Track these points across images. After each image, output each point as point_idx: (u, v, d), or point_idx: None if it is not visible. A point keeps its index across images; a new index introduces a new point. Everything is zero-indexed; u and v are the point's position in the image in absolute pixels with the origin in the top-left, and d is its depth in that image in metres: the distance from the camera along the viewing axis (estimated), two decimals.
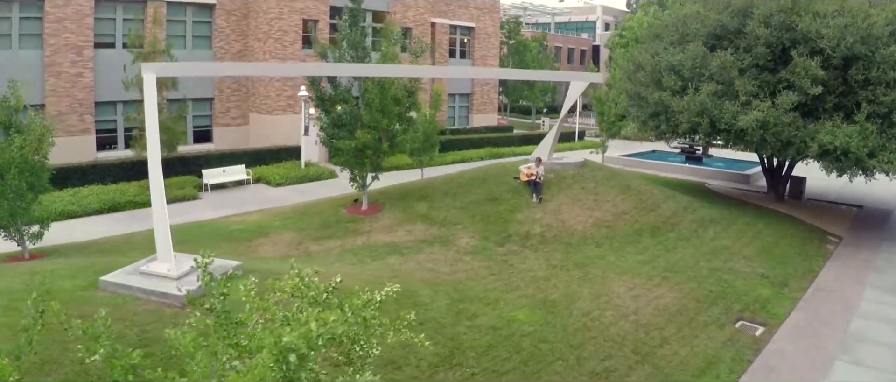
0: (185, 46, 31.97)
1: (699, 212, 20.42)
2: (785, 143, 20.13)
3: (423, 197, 20.29)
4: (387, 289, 7.39)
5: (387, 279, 14.28)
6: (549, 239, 17.60)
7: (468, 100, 39.84)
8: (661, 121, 22.26)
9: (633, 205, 19.76)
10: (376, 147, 19.50)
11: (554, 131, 21.72)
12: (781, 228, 20.75)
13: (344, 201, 21.26)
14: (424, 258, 16.25)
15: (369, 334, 7.01)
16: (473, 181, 20.72)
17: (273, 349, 5.30)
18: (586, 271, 15.46)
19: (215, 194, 26.63)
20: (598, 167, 22.02)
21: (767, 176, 25.87)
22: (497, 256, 16.39)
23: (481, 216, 18.77)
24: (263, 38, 32.24)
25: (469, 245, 17.14)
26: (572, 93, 21.09)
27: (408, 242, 17.59)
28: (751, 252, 17.92)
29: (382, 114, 19.14)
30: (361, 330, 7.14)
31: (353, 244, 17.74)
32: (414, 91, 20.10)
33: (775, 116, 19.66)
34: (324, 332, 5.61)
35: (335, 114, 20.00)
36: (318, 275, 6.98)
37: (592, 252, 16.87)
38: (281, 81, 31.90)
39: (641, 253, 16.98)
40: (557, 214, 18.83)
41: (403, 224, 18.79)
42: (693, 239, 18.34)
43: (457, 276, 14.85)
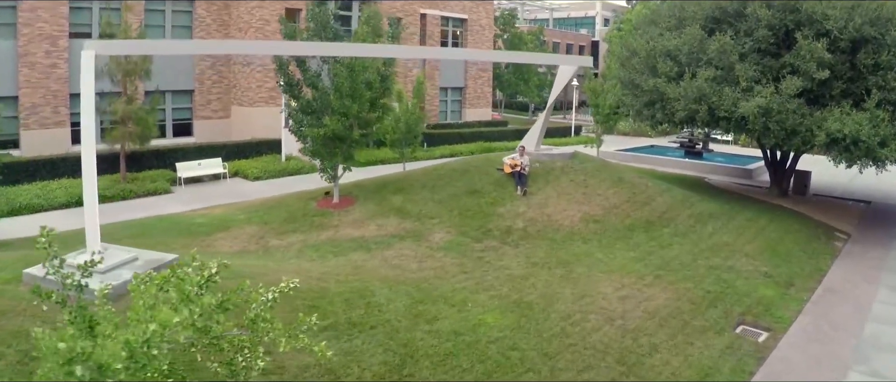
0: (164, 37, 30.44)
1: (697, 206, 18.73)
2: (790, 132, 18.42)
3: (400, 190, 18.66)
4: (283, 285, 5.94)
5: (343, 276, 12.67)
6: (533, 235, 15.94)
7: (461, 94, 38.22)
8: (656, 110, 20.57)
9: (626, 199, 18.08)
10: (346, 136, 17.85)
11: (541, 120, 20.06)
12: (786, 223, 19.04)
13: (316, 195, 19.63)
14: (392, 254, 14.62)
15: (257, 341, 5.49)
16: (454, 173, 19.08)
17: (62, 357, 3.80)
18: (570, 269, 13.80)
19: (189, 188, 25.21)
20: (589, 159, 20.36)
21: (770, 170, 24.15)
22: (472, 252, 14.75)
23: (460, 210, 17.12)
24: (245, 27, 30.69)
25: (443, 241, 15.50)
26: (560, 77, 19.42)
27: (377, 237, 15.96)
28: (753, 249, 16.22)
29: (352, 99, 17.50)
30: (248, 337, 5.62)
31: (317, 238, 16.12)
32: (388, 75, 18.46)
33: (779, 102, 17.97)
34: (153, 338, 4.06)
35: (303, 100, 18.37)
36: (214, 265, 5.43)
37: (579, 249, 15.20)
38: (261, 73, 30.32)
39: (633, 250, 15.31)
40: (543, 207, 17.17)
41: (375, 218, 17.16)
42: (690, 235, 16.65)
43: (424, 274, 13.22)
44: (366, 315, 10.71)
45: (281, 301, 11.32)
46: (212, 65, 31.45)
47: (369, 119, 18.45)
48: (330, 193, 19.10)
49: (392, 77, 18.60)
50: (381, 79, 18.32)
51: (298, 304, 10.78)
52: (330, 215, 17.69)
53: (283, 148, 27.80)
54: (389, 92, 18.73)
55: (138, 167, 26.20)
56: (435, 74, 36.29)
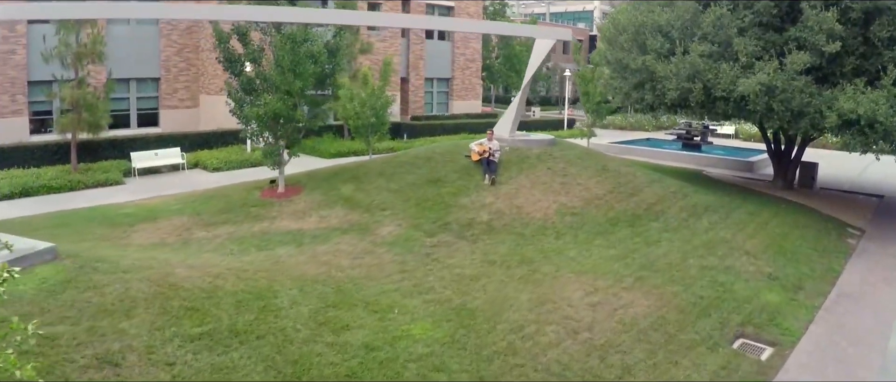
0: (128, 21, 28.13)
1: (691, 198, 16.15)
2: (796, 113, 15.84)
3: (353, 178, 16.19)
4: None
5: (250, 273, 10.23)
6: (497, 228, 13.43)
7: (448, 85, 35.72)
8: (645, 91, 18.01)
9: (610, 189, 15.54)
10: (289, 116, 15.41)
11: (516, 102, 17.55)
12: (792, 217, 16.46)
13: (264, 184, 17.20)
14: (326, 250, 12.16)
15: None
16: (416, 161, 16.59)
17: None
18: (534, 269, 11.28)
19: (144, 179, 22.96)
20: (571, 146, 17.81)
21: (774, 161, 21.54)
22: (421, 248, 12.26)
23: (417, 201, 14.64)
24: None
25: (390, 235, 13.02)
26: (537, 51, 16.89)
27: (316, 230, 13.52)
28: (755, 247, 13.66)
29: (295, 75, 15.06)
30: None
31: (249, 230, 13.71)
32: (337, 49, 15.97)
33: (784, 79, 15.40)
34: None
35: (245, 78, 15.94)
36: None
37: (549, 245, 12.67)
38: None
39: (613, 247, 12.77)
40: (512, 198, 14.66)
41: (319, 209, 14.72)
42: (682, 230, 14.10)
43: (354, 273, 10.77)
44: (256, 322, 8.29)
45: (152, 303, 9.03)
46: (178, 51, 29.11)
47: (317, 99, 16.02)
48: (275, 181, 16.66)
49: (342, 51, 16.11)
50: (329, 53, 15.85)
51: (175, 305, 8.44)
52: (271, 206, 15.27)
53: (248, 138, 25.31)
54: (340, 68, 16.24)
55: (95, 157, 24.10)
56: (420, 63, 33.82)
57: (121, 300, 8.94)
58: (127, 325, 8.43)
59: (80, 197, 19.47)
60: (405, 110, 33.54)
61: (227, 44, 16.14)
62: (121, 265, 10.02)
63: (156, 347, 7.97)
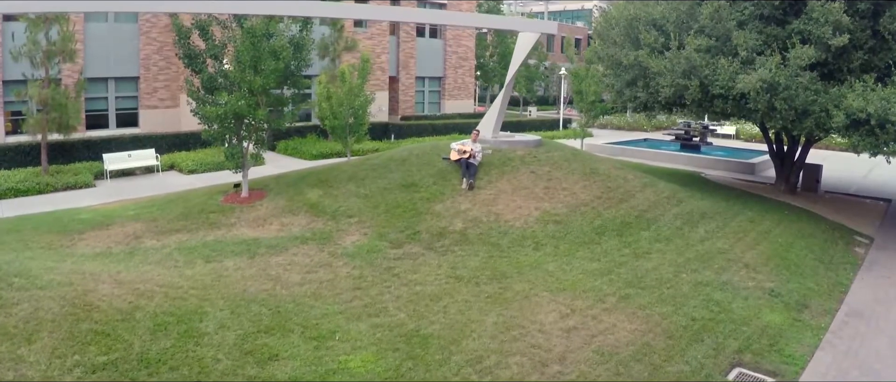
0: (106, 19, 26.92)
1: (687, 204, 14.80)
2: (800, 112, 14.48)
3: (322, 182, 14.91)
4: None
5: (184, 290, 8.97)
6: (471, 239, 12.12)
7: (439, 84, 34.40)
8: (638, 88, 16.67)
9: (598, 194, 14.20)
10: (251, 116, 14.16)
11: (499, 100, 16.23)
12: (796, 225, 15.09)
13: (229, 189, 15.95)
14: (279, 262, 10.89)
15: None
16: (391, 163, 15.29)
17: None
18: (505, 286, 9.96)
19: (116, 181, 21.80)
20: (559, 148, 16.48)
21: (776, 163, 20.15)
22: (383, 261, 10.97)
23: (387, 207, 13.35)
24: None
25: (353, 245, 11.73)
26: (520, 45, 15.58)
27: (274, 239, 12.25)
28: (755, 259, 12.31)
29: (255, 71, 13.81)
30: None
31: (201, 239, 12.46)
32: (303, 44, 14.69)
33: (787, 75, 14.05)
34: None
35: (206, 75, 14.69)
36: None
37: (526, 258, 11.36)
38: None
39: (597, 260, 11.44)
40: (491, 205, 13.35)
41: (281, 216, 13.44)
42: (675, 240, 12.75)
43: (301, 290, 9.50)
44: (172, 350, 7.07)
45: (60, 326, 7.78)
46: (158, 49, 27.87)
47: (284, 98, 14.76)
48: (239, 186, 15.40)
49: (308, 46, 14.82)
50: (295, 48, 14.57)
51: (83, 329, 7.28)
52: (231, 212, 14.01)
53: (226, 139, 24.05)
54: (306, 63, 14.96)
55: (68, 159, 23.09)
56: (411, 62, 32.51)
57: (26, 321, 7.74)
58: (26, 351, 7.23)
59: (46, 201, 18.38)
60: (395, 110, 32.26)
61: (187, 39, 14.92)
62: (39, 281, 8.82)
63: (53, 378, 6.74)
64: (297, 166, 21.60)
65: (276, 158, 24.50)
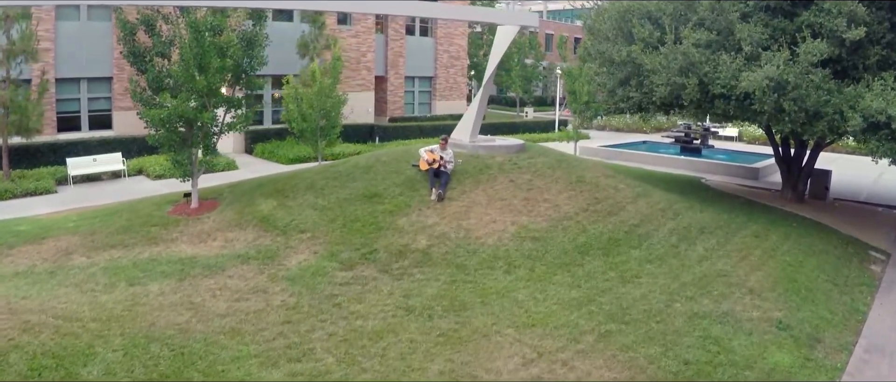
0: (78, 18, 25.37)
1: (684, 217, 13.08)
2: (811, 114, 12.75)
3: (278, 191, 13.28)
4: None
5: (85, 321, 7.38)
6: (434, 259, 10.46)
7: (430, 84, 32.71)
8: (630, 88, 14.96)
9: (583, 206, 12.51)
10: (197, 119, 12.56)
11: (477, 101, 14.56)
12: (805, 240, 13.36)
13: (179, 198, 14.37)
14: (209, 286, 9.32)
15: None
16: (355, 170, 13.64)
17: None
18: (463, 321, 8.30)
19: (80, 187, 20.37)
20: (543, 153, 14.79)
21: (783, 168, 18.38)
22: (328, 286, 9.35)
23: (345, 221, 11.71)
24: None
25: (298, 266, 10.12)
26: (500, 39, 13.90)
27: (215, 257, 10.67)
28: (760, 282, 10.59)
29: (199, 70, 12.22)
30: None
31: (135, 257, 10.94)
32: (255, 39, 13.07)
33: (796, 72, 12.32)
34: None
35: (152, 74, 13.10)
36: None
37: (494, 283, 9.68)
38: None
39: (577, 286, 9.75)
40: (461, 218, 11.69)
41: (228, 230, 11.84)
42: (669, 261, 11.04)
43: (222, 323, 7.98)
44: None
45: None
46: None
47: (235, 100, 13.18)
48: (190, 195, 13.79)
49: (262, 42, 13.20)
50: (246, 44, 12.96)
51: None
52: (175, 225, 12.42)
53: None
54: (260, 61, 13.33)
55: (33, 163, 21.64)
56: (399, 61, 30.86)
57: None
58: None
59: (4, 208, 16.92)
60: (383, 111, 30.62)
61: (132, 36, 13.35)
62: None
63: None
64: (272, 170, 20.03)
65: (252, 162, 22.93)
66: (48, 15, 23.83)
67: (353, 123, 26.73)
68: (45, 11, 23.73)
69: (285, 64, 24.72)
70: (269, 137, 24.75)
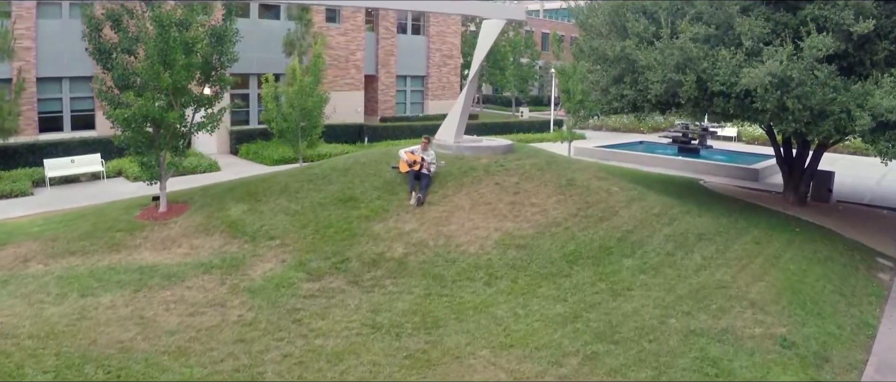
0: (60, 15, 24.54)
1: (681, 223, 12.22)
2: (817, 113, 11.89)
3: (250, 195, 12.44)
4: None
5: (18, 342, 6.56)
6: (410, 268, 9.62)
7: (422, 83, 31.89)
8: (624, 86, 14.11)
9: (573, 212, 11.66)
10: (163, 119, 11.72)
11: (462, 99, 13.72)
12: (809, 246, 12.50)
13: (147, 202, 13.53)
14: (165, 298, 8.53)
15: None
16: (332, 173, 12.81)
17: None
18: (435, 340, 7.46)
19: (57, 189, 19.60)
20: (533, 154, 13.94)
21: (784, 170, 17.54)
22: (292, 299, 8.52)
23: (317, 227, 10.87)
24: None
25: (263, 276, 9.28)
26: (485, 33, 13.07)
27: (177, 265, 9.87)
28: (762, 294, 9.74)
29: (165, 67, 11.39)
30: None
31: (93, 264, 10.15)
32: (224, 34, 12.23)
33: (800, 69, 11.47)
34: None
35: (118, 72, 12.27)
36: None
37: (473, 296, 8.84)
38: None
39: (563, 299, 8.90)
40: (442, 224, 10.85)
41: (194, 236, 11.01)
42: (664, 271, 10.19)
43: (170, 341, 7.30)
44: None
45: None
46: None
47: (203, 98, 12.36)
48: (159, 199, 12.95)
49: (232, 37, 12.36)
50: (215, 39, 12.12)
51: None
52: (140, 231, 11.59)
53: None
54: (231, 58, 12.49)
55: (11, 165, 20.91)
56: (391, 60, 30.02)
57: None
58: None
59: None
60: (373, 110, 29.79)
61: (98, 32, 12.54)
62: None
63: None
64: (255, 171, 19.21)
65: (235, 163, 22.09)
66: (29, 13, 23.04)
67: (342, 123, 25.91)
68: (25, 9, 22.94)
69: (272, 63, 23.91)
70: (254, 137, 23.95)
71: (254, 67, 23.91)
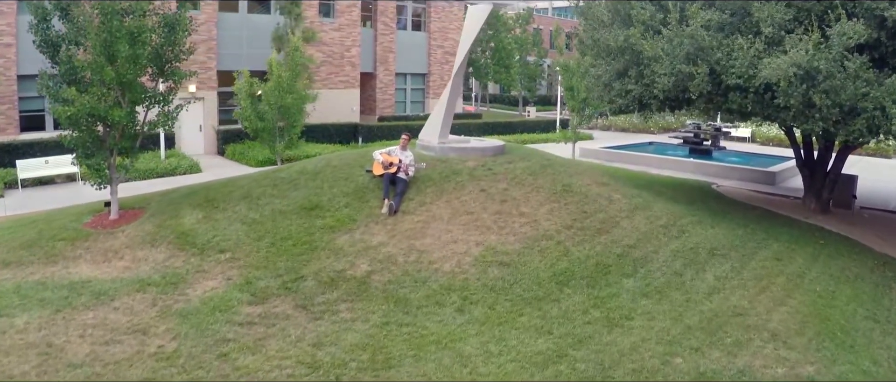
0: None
1: (691, 235, 10.64)
2: (847, 110, 10.27)
3: (210, 200, 11.07)
4: None
5: None
6: (373, 290, 8.18)
7: (423, 81, 30.42)
8: (627, 80, 12.55)
9: (567, 223, 10.14)
10: (109, 117, 10.40)
11: (446, 95, 12.26)
12: (836, 263, 10.88)
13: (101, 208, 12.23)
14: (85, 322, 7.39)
15: None
16: (301, 177, 11.39)
17: None
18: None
19: (29, 191, 18.47)
20: (526, 156, 12.44)
21: (805, 173, 15.87)
22: (225, 326, 7.16)
23: (274, 239, 9.46)
24: None
25: (200, 297, 7.91)
26: (470, 22, 11.60)
27: (111, 281, 8.61)
28: (785, 322, 8.18)
29: (108, 59, 10.07)
30: None
31: (23, 279, 8.95)
32: (176, 23, 10.86)
33: (828, 59, 9.86)
34: None
35: (64, 66, 10.97)
36: None
37: (440, 326, 7.37)
38: None
39: (549, 331, 7.41)
40: (416, 237, 9.39)
41: (139, 247, 9.69)
42: (671, 295, 8.65)
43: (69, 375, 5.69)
44: None
45: None
46: None
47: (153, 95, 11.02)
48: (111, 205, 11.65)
49: (185, 25, 10.98)
50: (168, 28, 10.76)
51: None
52: (85, 240, 10.30)
53: (162, 143, 20.40)
54: (184, 49, 11.12)
55: None
56: (389, 57, 28.60)
57: None
58: None
59: None
60: (371, 110, 28.38)
61: (47, 23, 11.24)
62: None
63: None
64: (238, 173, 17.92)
65: (220, 164, 20.78)
66: (10, 8, 21.91)
67: (336, 122, 24.54)
68: (6, 5, 21.82)
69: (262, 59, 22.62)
70: (242, 137, 22.66)
71: (243, 64, 22.60)
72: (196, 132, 22.75)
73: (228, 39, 22.93)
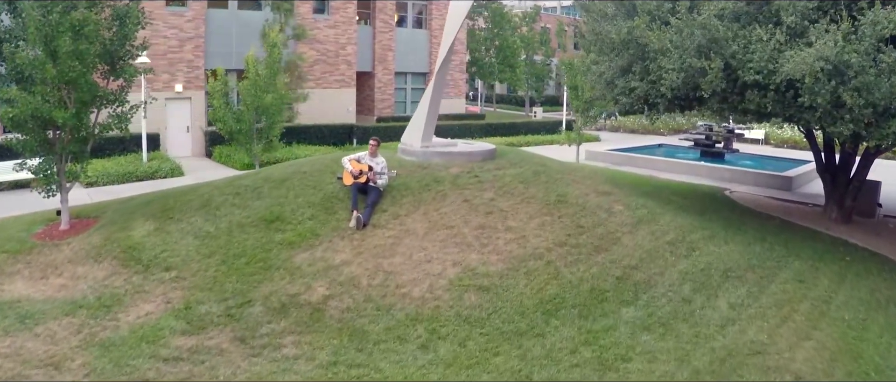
0: None
1: (702, 253, 9.30)
2: (881, 111, 8.91)
3: (165, 210, 9.94)
4: None
5: None
6: (329, 319, 6.99)
7: (424, 81, 29.17)
8: (631, 77, 11.23)
9: (560, 239, 8.86)
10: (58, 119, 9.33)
11: (428, 95, 11.04)
12: (865, 283, 9.52)
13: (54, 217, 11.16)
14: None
15: None
16: (266, 184, 10.21)
17: None
18: None
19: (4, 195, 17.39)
20: (517, 161, 11.17)
21: (826, 180, 14.46)
22: (149, 361, 6.05)
23: (227, 256, 8.30)
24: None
25: (136, 322, 6.85)
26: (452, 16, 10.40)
27: (41, 302, 7.63)
28: (811, 361, 6.88)
29: (49, 55, 8.99)
30: None
31: None
32: (126, 15, 9.75)
33: (859, 52, 8.53)
34: None
35: (10, 64, 9.90)
36: None
37: (398, 369, 6.16)
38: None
39: (526, 377, 6.15)
40: (385, 255, 8.18)
41: (81, 263, 8.63)
42: (677, 327, 7.35)
43: None
44: None
45: None
46: None
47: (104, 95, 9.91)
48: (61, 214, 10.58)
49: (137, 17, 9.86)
50: (119, 21, 9.64)
51: None
52: (27, 254, 9.25)
53: (144, 145, 19.36)
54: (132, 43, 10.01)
55: None
56: (389, 55, 27.43)
57: None
58: None
59: None
60: (369, 110, 27.23)
61: None
62: None
63: None
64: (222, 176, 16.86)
65: (205, 167, 19.70)
66: None
67: (330, 123, 23.40)
68: None
69: None
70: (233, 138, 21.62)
71: (233, 63, 21.55)
72: (183, 133, 21.72)
73: (217, 36, 21.87)
